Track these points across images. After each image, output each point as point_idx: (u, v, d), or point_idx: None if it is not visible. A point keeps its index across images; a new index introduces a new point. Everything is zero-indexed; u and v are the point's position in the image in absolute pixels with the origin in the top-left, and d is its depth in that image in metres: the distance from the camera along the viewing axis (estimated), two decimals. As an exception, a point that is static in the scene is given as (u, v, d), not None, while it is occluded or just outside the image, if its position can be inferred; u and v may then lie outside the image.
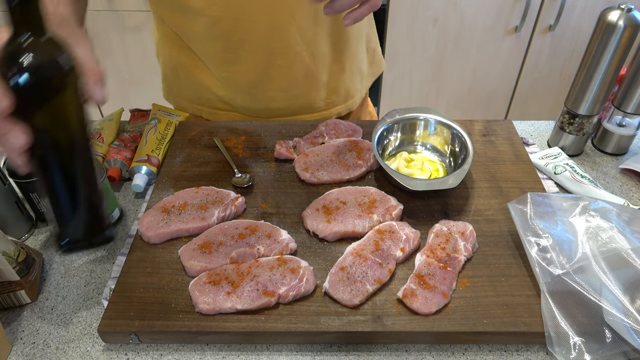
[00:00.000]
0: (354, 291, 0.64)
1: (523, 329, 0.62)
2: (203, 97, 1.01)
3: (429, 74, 2.08)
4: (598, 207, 0.71)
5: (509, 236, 0.74)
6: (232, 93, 0.98)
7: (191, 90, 1.01)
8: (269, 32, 0.87)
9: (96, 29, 1.93)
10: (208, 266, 0.68)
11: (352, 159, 0.85)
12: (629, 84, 0.88)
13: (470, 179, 0.84)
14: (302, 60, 0.92)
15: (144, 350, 0.64)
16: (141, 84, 2.10)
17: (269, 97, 0.97)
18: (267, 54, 0.90)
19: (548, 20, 1.91)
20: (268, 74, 0.93)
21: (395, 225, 0.73)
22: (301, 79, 0.95)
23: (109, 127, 0.95)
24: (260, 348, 0.65)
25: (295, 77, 0.94)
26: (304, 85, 0.96)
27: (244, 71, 0.93)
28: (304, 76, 0.95)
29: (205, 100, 1.01)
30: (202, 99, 1.01)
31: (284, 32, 0.88)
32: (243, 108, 1.00)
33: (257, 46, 0.89)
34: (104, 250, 0.77)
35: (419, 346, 0.65)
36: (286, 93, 0.97)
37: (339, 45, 0.95)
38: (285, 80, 0.95)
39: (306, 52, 0.92)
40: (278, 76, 0.93)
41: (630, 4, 0.78)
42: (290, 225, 0.76)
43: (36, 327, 0.67)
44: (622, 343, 0.59)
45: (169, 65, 1.01)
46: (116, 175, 0.86)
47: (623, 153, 0.95)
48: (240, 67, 0.92)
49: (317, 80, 0.97)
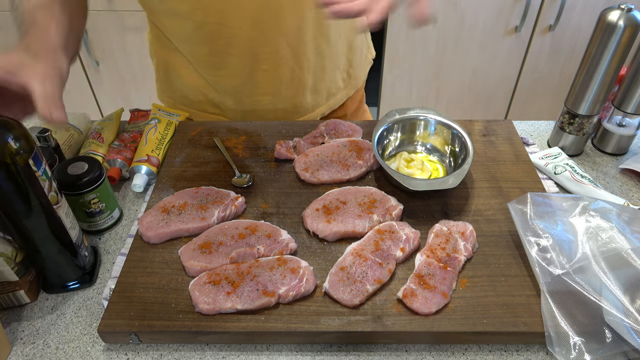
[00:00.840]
0: (354, 291, 0.64)
1: (523, 329, 0.62)
2: (193, 99, 1.01)
3: (429, 74, 2.08)
4: (598, 207, 0.71)
5: (509, 236, 0.74)
6: (220, 96, 0.98)
7: (181, 92, 1.02)
8: (253, 37, 0.87)
9: (96, 29, 1.93)
10: (208, 266, 0.68)
11: (352, 159, 0.85)
12: (629, 84, 0.88)
13: (470, 179, 0.84)
14: (287, 65, 0.92)
15: (144, 350, 0.64)
16: (141, 84, 2.10)
17: (255, 100, 0.98)
18: (252, 59, 0.90)
19: (548, 20, 1.91)
20: (254, 78, 0.93)
21: (395, 225, 0.73)
22: (287, 82, 0.95)
23: (109, 127, 0.95)
24: (260, 348, 0.65)
25: (281, 81, 0.95)
26: (290, 89, 0.97)
27: (230, 75, 0.93)
28: (290, 80, 0.95)
29: (196, 102, 1.02)
30: (192, 100, 1.02)
31: (268, 37, 0.88)
32: (231, 111, 1.01)
33: (242, 51, 0.89)
34: (103, 250, 0.77)
35: (419, 346, 0.64)
36: (272, 97, 0.97)
37: (322, 47, 0.95)
38: (271, 85, 0.95)
39: (291, 56, 0.92)
40: (264, 80, 0.94)
41: (630, 4, 0.78)
42: (290, 225, 0.76)
43: (36, 327, 0.67)
44: (622, 343, 0.59)
45: (162, 66, 1.02)
46: (116, 175, 0.86)
47: (623, 153, 0.95)
48: (227, 71, 0.93)
49: (303, 84, 0.97)
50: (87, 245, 0.72)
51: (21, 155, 0.56)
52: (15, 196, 0.58)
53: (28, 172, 0.57)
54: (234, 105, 0.99)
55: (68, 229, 0.65)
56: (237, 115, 1.02)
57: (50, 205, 0.61)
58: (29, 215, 0.60)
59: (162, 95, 1.08)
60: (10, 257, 0.64)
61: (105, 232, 0.80)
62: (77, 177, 0.72)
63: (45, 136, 0.80)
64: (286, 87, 0.96)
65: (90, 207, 0.75)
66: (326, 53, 0.97)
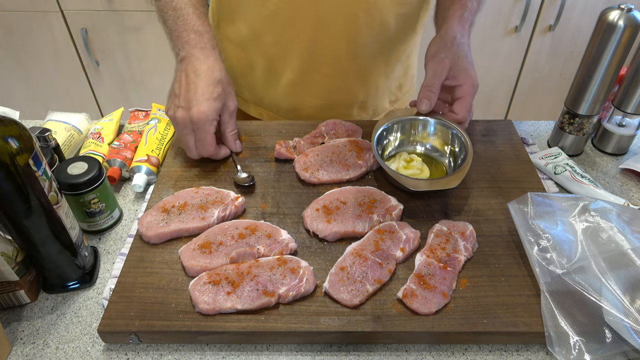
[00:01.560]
0: (354, 291, 0.64)
1: (523, 329, 0.62)
2: (239, 83, 1.02)
3: (429, 74, 2.08)
4: (598, 207, 0.71)
5: (509, 236, 0.74)
6: (269, 88, 0.99)
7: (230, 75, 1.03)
8: (318, 38, 0.88)
9: (96, 29, 1.93)
10: (208, 266, 0.68)
11: (352, 159, 0.85)
12: (629, 84, 0.88)
13: (470, 179, 0.84)
14: (344, 73, 0.93)
15: (144, 350, 0.64)
16: (141, 84, 2.10)
17: (303, 100, 0.98)
18: (311, 59, 0.92)
19: (548, 20, 1.91)
20: (308, 78, 0.94)
21: (395, 225, 0.73)
22: (339, 91, 0.96)
23: (109, 127, 0.95)
24: (260, 348, 0.65)
25: (334, 87, 0.95)
26: (339, 97, 0.97)
27: (287, 69, 0.94)
28: (342, 89, 0.96)
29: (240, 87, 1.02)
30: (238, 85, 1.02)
31: (334, 41, 0.89)
32: (275, 106, 1.01)
33: (303, 48, 0.90)
34: (103, 250, 0.77)
35: (419, 346, 0.64)
36: (320, 100, 0.98)
37: (380, 67, 0.98)
38: (324, 89, 0.95)
39: (351, 66, 0.93)
40: (318, 83, 0.94)
41: (630, 4, 0.78)
42: (290, 225, 0.76)
43: (36, 327, 0.67)
44: (622, 343, 0.59)
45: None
46: (116, 175, 0.86)
47: (623, 153, 0.95)
48: (285, 64, 0.94)
49: (354, 96, 0.98)
50: (87, 245, 0.72)
51: (21, 155, 0.56)
52: (15, 196, 0.58)
53: (28, 172, 0.57)
54: (280, 99, 1.00)
55: (68, 229, 0.65)
56: (280, 111, 1.02)
57: (50, 205, 0.61)
58: (29, 215, 0.60)
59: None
60: (10, 256, 0.64)
61: (105, 232, 0.80)
62: (77, 177, 0.72)
63: (45, 136, 0.80)
64: (336, 95, 0.97)
65: (90, 207, 0.75)
66: (382, 72, 0.99)
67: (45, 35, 1.95)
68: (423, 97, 0.82)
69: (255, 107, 1.05)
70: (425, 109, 0.83)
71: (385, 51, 0.96)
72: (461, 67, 0.81)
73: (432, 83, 0.81)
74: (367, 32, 0.90)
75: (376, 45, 0.94)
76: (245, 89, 1.04)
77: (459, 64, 0.81)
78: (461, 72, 0.81)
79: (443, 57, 0.80)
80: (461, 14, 0.86)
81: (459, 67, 0.81)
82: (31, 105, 2.18)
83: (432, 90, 0.81)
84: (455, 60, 0.81)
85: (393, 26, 0.92)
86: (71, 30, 1.94)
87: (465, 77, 0.81)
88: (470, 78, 0.81)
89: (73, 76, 2.08)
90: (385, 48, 0.96)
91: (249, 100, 1.05)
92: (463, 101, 0.83)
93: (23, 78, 2.09)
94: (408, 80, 1.10)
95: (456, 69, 0.81)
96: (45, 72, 2.06)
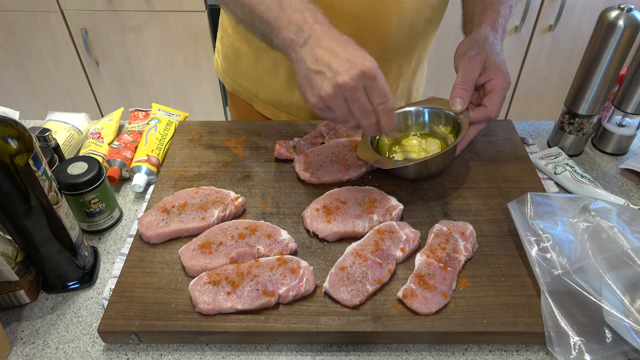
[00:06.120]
0: (354, 291, 0.64)
1: (523, 329, 0.62)
2: (258, 87, 1.01)
3: (429, 74, 2.08)
4: (598, 207, 0.71)
5: (509, 236, 0.74)
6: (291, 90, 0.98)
7: (248, 77, 1.02)
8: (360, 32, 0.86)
9: (96, 29, 1.93)
10: (208, 266, 0.68)
11: (352, 159, 0.85)
12: (629, 84, 0.88)
13: (471, 179, 0.84)
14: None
15: (144, 350, 0.64)
16: (141, 84, 2.10)
17: None
18: None
19: (548, 20, 1.91)
20: None
21: (395, 225, 0.73)
22: None
23: (109, 127, 0.95)
24: (260, 348, 0.65)
25: None
26: None
27: None
28: None
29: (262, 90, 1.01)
30: (257, 89, 1.01)
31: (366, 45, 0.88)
32: (295, 108, 1.01)
33: None
34: (103, 250, 0.77)
35: (419, 346, 0.64)
36: None
37: (403, 69, 0.98)
38: None
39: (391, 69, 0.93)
40: None
41: (630, 4, 0.78)
42: (290, 225, 0.76)
43: (36, 327, 0.67)
44: (622, 343, 0.59)
45: (232, 49, 1.01)
46: (116, 175, 0.86)
47: (623, 153, 0.95)
48: None
49: None
50: (87, 245, 0.72)
51: (21, 156, 0.56)
52: (15, 196, 0.58)
53: (28, 172, 0.57)
54: (298, 101, 0.99)
55: (68, 229, 0.65)
56: (300, 112, 1.02)
57: (50, 205, 0.61)
58: (29, 215, 0.60)
59: (224, 76, 1.09)
60: (10, 256, 0.64)
61: (105, 232, 0.80)
62: (77, 177, 0.72)
63: (45, 136, 0.80)
64: None
65: (90, 207, 0.75)
66: (404, 73, 0.99)
67: (45, 35, 1.95)
68: (456, 96, 0.79)
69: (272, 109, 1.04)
70: (460, 108, 0.80)
71: (410, 53, 0.96)
72: (492, 62, 0.78)
73: (464, 80, 0.79)
74: (397, 35, 0.89)
75: (403, 48, 0.93)
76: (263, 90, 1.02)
77: (490, 59, 0.78)
78: (492, 68, 0.78)
79: (474, 55, 0.78)
80: (494, 19, 0.83)
81: (490, 62, 0.78)
82: (31, 105, 2.18)
83: (464, 88, 0.79)
84: (487, 56, 0.78)
85: (420, 29, 0.92)
86: (71, 30, 1.94)
87: (496, 72, 0.78)
88: (502, 73, 0.78)
89: (73, 76, 2.08)
90: (411, 51, 0.96)
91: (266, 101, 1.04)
92: (494, 94, 0.79)
93: (23, 78, 2.09)
94: (423, 82, 1.10)
95: (487, 64, 0.78)
96: (45, 72, 2.06)
